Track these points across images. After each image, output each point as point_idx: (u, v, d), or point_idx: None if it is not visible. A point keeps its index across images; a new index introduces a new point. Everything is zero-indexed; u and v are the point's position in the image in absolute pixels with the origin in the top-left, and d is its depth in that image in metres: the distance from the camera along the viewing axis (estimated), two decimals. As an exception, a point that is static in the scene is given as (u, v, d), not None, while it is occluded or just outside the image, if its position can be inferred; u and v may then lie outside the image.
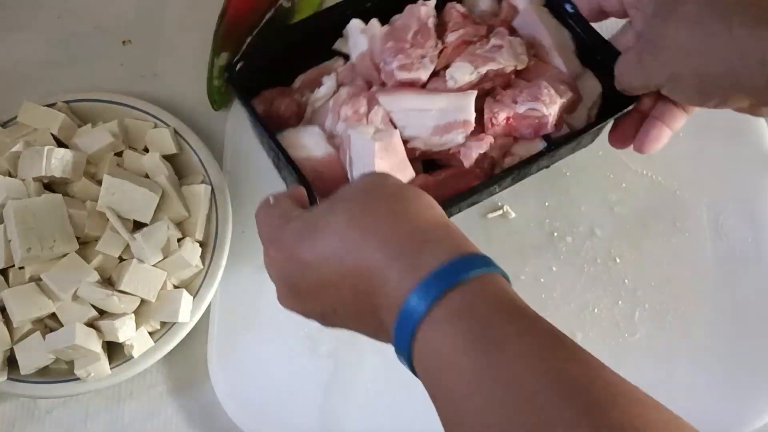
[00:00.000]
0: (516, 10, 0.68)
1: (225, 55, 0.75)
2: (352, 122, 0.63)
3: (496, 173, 0.63)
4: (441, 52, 0.65)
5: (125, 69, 0.81)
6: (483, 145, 0.62)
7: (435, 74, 0.64)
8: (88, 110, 0.73)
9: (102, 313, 0.64)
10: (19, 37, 0.83)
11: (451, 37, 0.65)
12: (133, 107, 0.72)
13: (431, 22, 0.65)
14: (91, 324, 0.63)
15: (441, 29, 0.66)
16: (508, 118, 0.62)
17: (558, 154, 0.65)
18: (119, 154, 0.69)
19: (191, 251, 0.66)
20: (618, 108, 0.61)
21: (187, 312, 0.65)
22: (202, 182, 0.69)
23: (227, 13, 0.77)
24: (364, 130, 0.61)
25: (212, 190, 0.69)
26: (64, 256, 0.63)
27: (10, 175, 0.65)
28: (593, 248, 0.69)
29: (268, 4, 0.77)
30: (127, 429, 0.67)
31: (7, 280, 0.63)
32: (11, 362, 0.64)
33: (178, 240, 0.66)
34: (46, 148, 0.64)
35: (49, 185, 0.66)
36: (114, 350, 0.65)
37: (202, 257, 0.67)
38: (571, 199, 0.71)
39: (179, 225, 0.68)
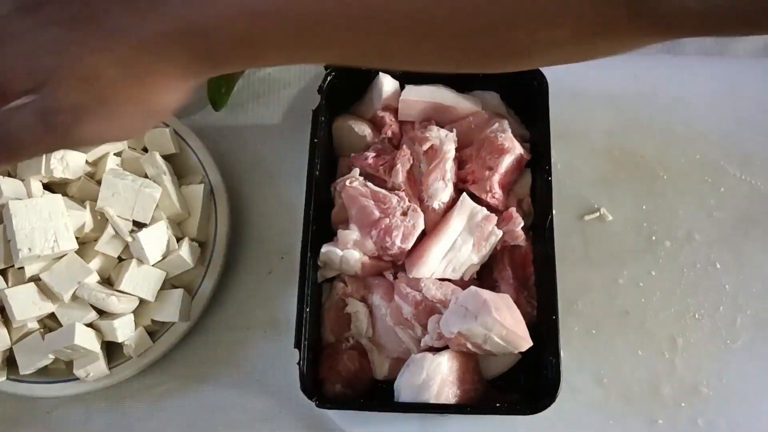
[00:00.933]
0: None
1: (225, 56, 0.75)
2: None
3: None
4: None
5: (125, 69, 0.80)
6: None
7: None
8: None
9: (101, 312, 0.64)
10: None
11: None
12: None
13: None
14: (90, 324, 0.64)
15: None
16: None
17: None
18: (118, 154, 0.69)
19: (190, 251, 0.66)
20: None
21: (186, 312, 0.65)
22: (201, 182, 0.69)
23: (227, 13, 0.76)
24: None
25: (211, 190, 0.69)
26: (63, 256, 0.63)
27: (9, 176, 0.65)
28: (692, 253, 0.68)
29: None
30: (127, 429, 0.67)
31: (6, 280, 0.63)
32: (10, 362, 0.64)
33: (178, 240, 0.66)
34: None
35: (48, 185, 0.66)
36: (113, 350, 0.65)
37: (201, 257, 0.67)
38: (669, 202, 0.70)
39: (178, 225, 0.68)
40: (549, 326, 0.59)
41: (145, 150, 0.71)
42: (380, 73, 0.69)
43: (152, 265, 0.64)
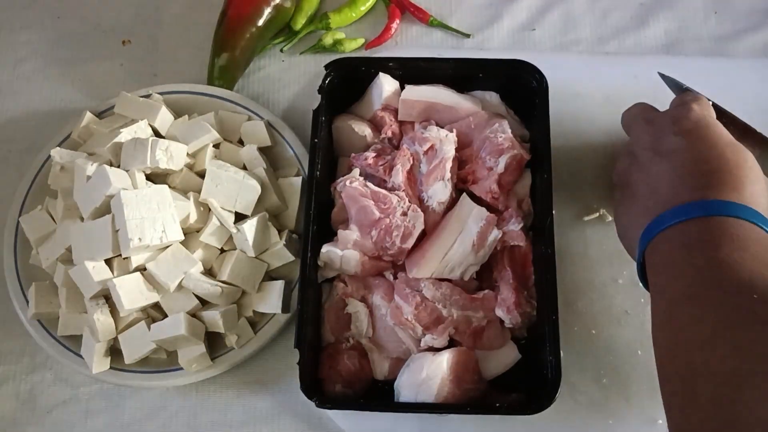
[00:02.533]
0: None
1: (225, 56, 0.75)
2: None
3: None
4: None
5: (125, 69, 0.81)
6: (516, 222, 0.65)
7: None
8: (178, 102, 0.73)
9: (203, 303, 0.64)
10: (19, 37, 0.83)
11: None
12: (226, 99, 0.73)
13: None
14: (194, 314, 0.64)
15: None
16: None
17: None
18: (216, 146, 0.69)
19: (291, 243, 0.66)
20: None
21: (287, 303, 0.66)
22: (298, 174, 0.69)
23: (228, 13, 0.77)
24: None
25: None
26: (168, 246, 0.63)
27: (111, 166, 0.65)
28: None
29: (269, 4, 0.77)
30: (127, 429, 0.67)
31: (111, 269, 0.63)
32: (113, 352, 0.65)
33: (279, 232, 0.67)
34: (151, 139, 0.64)
35: (150, 176, 0.66)
36: (212, 341, 0.66)
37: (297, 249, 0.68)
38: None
39: (275, 217, 0.68)
40: (549, 326, 0.59)
41: (241, 143, 0.71)
42: (380, 73, 0.69)
43: (255, 257, 0.65)
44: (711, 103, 0.60)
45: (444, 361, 0.59)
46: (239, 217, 0.66)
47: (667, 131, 0.57)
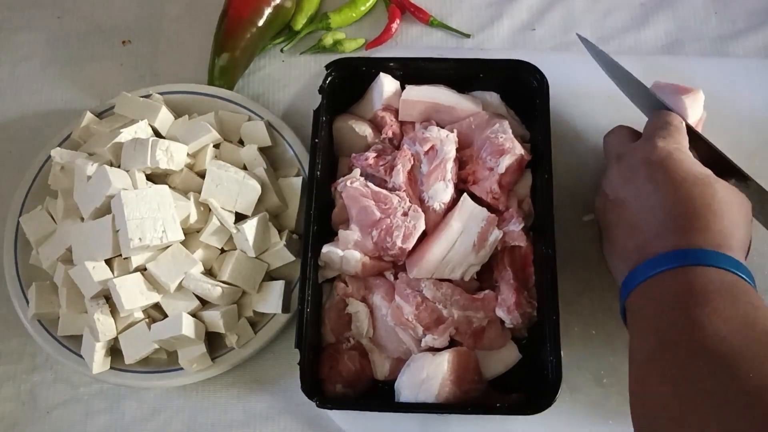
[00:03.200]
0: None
1: (226, 56, 0.75)
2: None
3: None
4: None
5: (125, 69, 0.81)
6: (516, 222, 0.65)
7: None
8: (178, 102, 0.73)
9: (204, 303, 0.65)
10: (19, 37, 0.83)
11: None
12: (226, 99, 0.73)
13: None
14: (194, 314, 0.64)
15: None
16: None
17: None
18: (216, 146, 0.69)
19: (291, 244, 0.66)
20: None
21: (287, 303, 0.66)
22: (298, 175, 0.69)
23: (228, 13, 0.77)
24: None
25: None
26: (168, 246, 0.63)
27: (111, 166, 0.65)
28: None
29: (269, 5, 0.77)
30: (127, 429, 0.67)
31: (111, 269, 0.63)
32: (113, 352, 0.65)
33: (279, 232, 0.67)
34: (151, 139, 0.64)
35: (150, 177, 0.66)
36: (212, 341, 0.66)
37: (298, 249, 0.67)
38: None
39: (275, 217, 0.68)
40: (549, 326, 0.59)
41: (242, 143, 0.71)
42: (381, 74, 0.69)
43: (256, 257, 0.65)
44: (685, 124, 0.60)
45: (444, 361, 0.59)
46: (239, 217, 0.66)
47: (636, 173, 0.57)
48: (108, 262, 0.63)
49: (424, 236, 0.65)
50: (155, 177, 0.66)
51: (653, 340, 0.50)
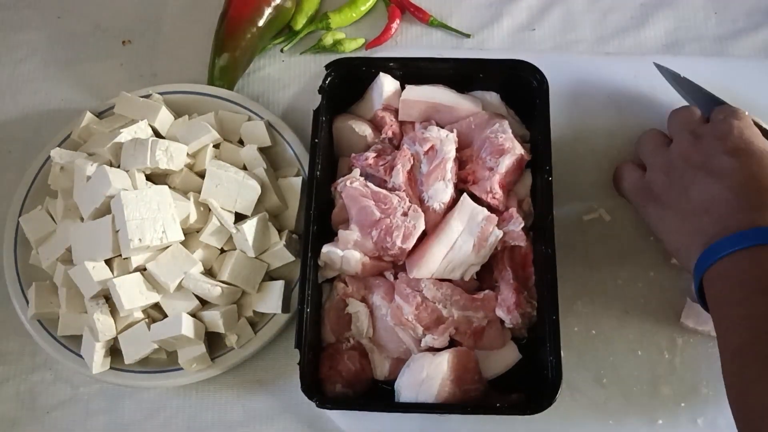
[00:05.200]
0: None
1: (226, 56, 0.75)
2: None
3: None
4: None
5: (125, 69, 0.81)
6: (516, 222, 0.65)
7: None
8: (178, 102, 0.73)
9: (203, 303, 0.65)
10: (19, 37, 0.83)
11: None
12: (226, 99, 0.73)
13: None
14: (193, 315, 0.64)
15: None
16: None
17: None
18: (216, 146, 0.69)
19: (291, 244, 0.66)
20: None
21: (287, 303, 0.66)
22: (298, 175, 0.69)
23: (228, 13, 0.77)
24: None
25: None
26: (167, 247, 0.63)
27: (111, 166, 0.65)
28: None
29: (269, 4, 0.77)
30: (127, 429, 0.67)
31: (111, 269, 0.63)
32: (112, 352, 0.65)
33: (279, 232, 0.67)
34: (150, 139, 0.64)
35: (150, 177, 0.66)
36: (212, 341, 0.66)
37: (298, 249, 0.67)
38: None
39: (275, 217, 0.68)
40: (549, 326, 0.59)
41: (241, 143, 0.71)
42: (380, 73, 0.69)
43: (255, 257, 0.65)
44: (746, 114, 0.60)
45: (444, 361, 0.59)
46: (239, 218, 0.66)
47: (717, 149, 0.57)
48: (108, 262, 0.63)
49: (423, 236, 0.65)
50: (155, 177, 0.66)
51: (745, 329, 0.49)
